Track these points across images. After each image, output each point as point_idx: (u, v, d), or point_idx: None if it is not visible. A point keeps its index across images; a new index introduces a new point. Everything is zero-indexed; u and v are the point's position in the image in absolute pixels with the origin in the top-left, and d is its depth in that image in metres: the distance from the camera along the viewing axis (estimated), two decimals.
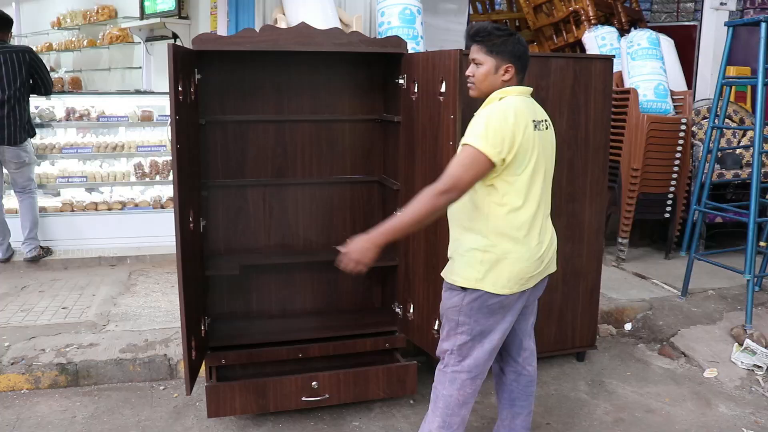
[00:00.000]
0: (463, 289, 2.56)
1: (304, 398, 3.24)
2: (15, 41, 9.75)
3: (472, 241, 2.55)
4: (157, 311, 4.41)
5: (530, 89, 2.63)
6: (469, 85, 2.63)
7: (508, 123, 2.41)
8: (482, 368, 2.65)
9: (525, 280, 2.56)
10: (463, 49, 2.86)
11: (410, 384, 3.39)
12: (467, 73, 2.62)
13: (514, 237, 2.51)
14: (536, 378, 2.90)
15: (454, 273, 2.60)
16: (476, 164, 2.39)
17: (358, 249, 2.43)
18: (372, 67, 3.61)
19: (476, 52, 2.57)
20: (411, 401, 3.52)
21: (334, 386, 3.28)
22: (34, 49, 5.80)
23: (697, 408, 3.51)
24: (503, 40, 2.53)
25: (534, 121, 2.51)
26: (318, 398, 3.25)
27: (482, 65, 2.56)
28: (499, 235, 2.50)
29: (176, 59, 2.67)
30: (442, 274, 2.67)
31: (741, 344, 3.99)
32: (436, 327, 3.07)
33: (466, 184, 2.40)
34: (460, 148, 2.46)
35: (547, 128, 2.63)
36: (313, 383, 3.24)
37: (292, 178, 3.57)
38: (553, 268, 2.73)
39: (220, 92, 3.42)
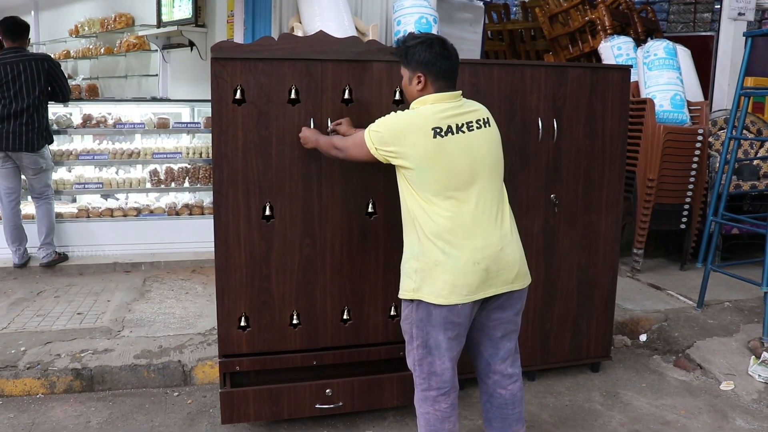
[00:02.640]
0: (411, 300, 2.59)
1: (317, 405, 3.24)
2: (33, 49, 9.91)
3: (408, 251, 2.63)
4: (172, 317, 4.42)
5: (453, 93, 2.60)
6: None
7: (399, 129, 2.54)
8: (451, 383, 2.64)
9: (466, 291, 2.51)
10: (479, 58, 2.88)
11: (408, 372, 3.37)
12: (401, 86, 2.81)
13: (443, 244, 2.50)
14: (518, 402, 2.79)
15: (401, 287, 2.66)
16: (362, 148, 2.64)
17: (309, 135, 3.00)
18: None
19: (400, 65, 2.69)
20: None
21: (348, 393, 3.28)
22: (52, 56, 5.86)
23: (713, 421, 3.47)
24: (410, 49, 2.58)
25: (447, 127, 2.51)
26: (332, 405, 3.25)
27: (402, 77, 2.69)
28: (428, 242, 2.52)
29: None
30: None
31: (758, 357, 3.95)
32: None
33: (353, 156, 2.74)
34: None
35: (480, 127, 2.60)
36: (327, 390, 3.25)
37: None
38: (520, 284, 2.65)
39: None
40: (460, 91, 2.64)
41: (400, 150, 2.53)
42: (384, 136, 2.56)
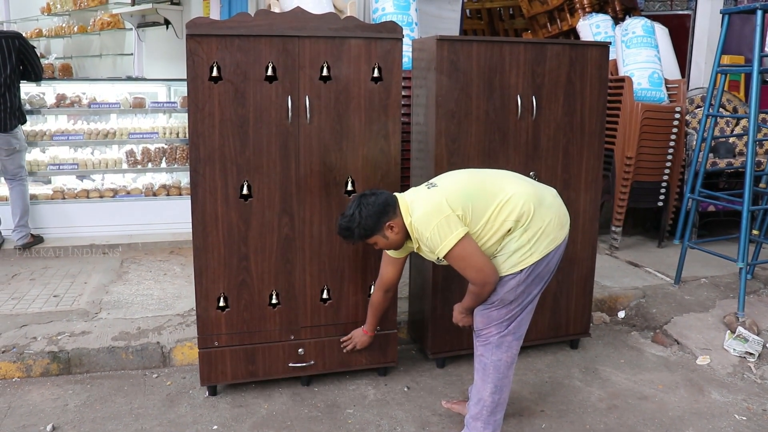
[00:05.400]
0: (519, 271, 2.74)
1: (291, 364, 3.38)
2: (3, 27, 9.68)
3: (517, 237, 2.73)
4: (150, 299, 4.38)
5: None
6: (388, 252, 3.03)
7: (433, 209, 2.68)
8: (525, 327, 2.90)
9: (552, 240, 2.78)
10: (457, 35, 2.87)
11: (391, 353, 3.56)
12: (378, 248, 2.92)
13: (538, 200, 2.75)
14: None
15: (506, 265, 2.75)
16: (468, 247, 2.65)
17: (460, 317, 3.00)
18: None
19: (366, 242, 2.89)
20: (406, 388, 3.52)
21: (320, 353, 3.42)
22: (24, 35, 5.73)
23: (690, 395, 3.52)
24: (361, 225, 2.79)
25: (433, 184, 2.83)
26: (304, 364, 3.39)
27: (377, 243, 2.88)
28: (531, 212, 2.72)
29: None
30: None
31: (733, 332, 4.00)
32: None
33: (484, 264, 2.67)
34: (445, 259, 2.70)
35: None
36: (300, 350, 3.39)
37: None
38: (566, 231, 2.88)
39: None
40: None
41: (459, 213, 2.67)
42: (451, 222, 2.65)
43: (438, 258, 2.72)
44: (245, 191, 3.16)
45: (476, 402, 2.92)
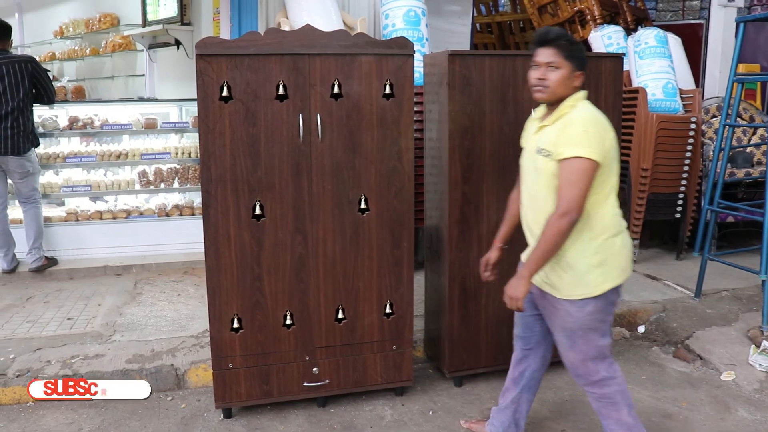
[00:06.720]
0: (594, 298, 2.56)
1: (305, 384, 3.35)
2: (18, 51, 9.77)
3: (584, 249, 2.54)
4: (164, 320, 4.35)
5: None
6: (538, 88, 2.56)
7: (602, 125, 2.48)
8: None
9: (623, 270, 2.61)
10: (468, 49, 2.83)
11: (406, 370, 3.51)
12: (538, 76, 2.55)
13: (618, 228, 2.59)
14: None
15: (579, 287, 2.56)
16: (588, 173, 2.42)
17: (513, 285, 2.55)
18: None
19: (553, 56, 2.53)
20: (430, 412, 3.45)
21: (334, 372, 3.38)
22: (37, 58, 5.77)
23: (715, 412, 3.43)
24: (577, 46, 2.56)
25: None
26: (319, 383, 3.36)
27: (559, 69, 2.53)
28: (608, 232, 2.55)
29: None
30: (560, 295, 2.60)
31: (758, 346, 3.91)
32: None
33: (582, 197, 2.43)
34: (560, 162, 2.45)
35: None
36: (314, 369, 3.35)
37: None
38: (627, 276, 2.73)
39: None
40: None
41: (608, 143, 2.49)
42: (601, 147, 2.44)
43: (547, 154, 2.49)
44: (258, 211, 3.13)
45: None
